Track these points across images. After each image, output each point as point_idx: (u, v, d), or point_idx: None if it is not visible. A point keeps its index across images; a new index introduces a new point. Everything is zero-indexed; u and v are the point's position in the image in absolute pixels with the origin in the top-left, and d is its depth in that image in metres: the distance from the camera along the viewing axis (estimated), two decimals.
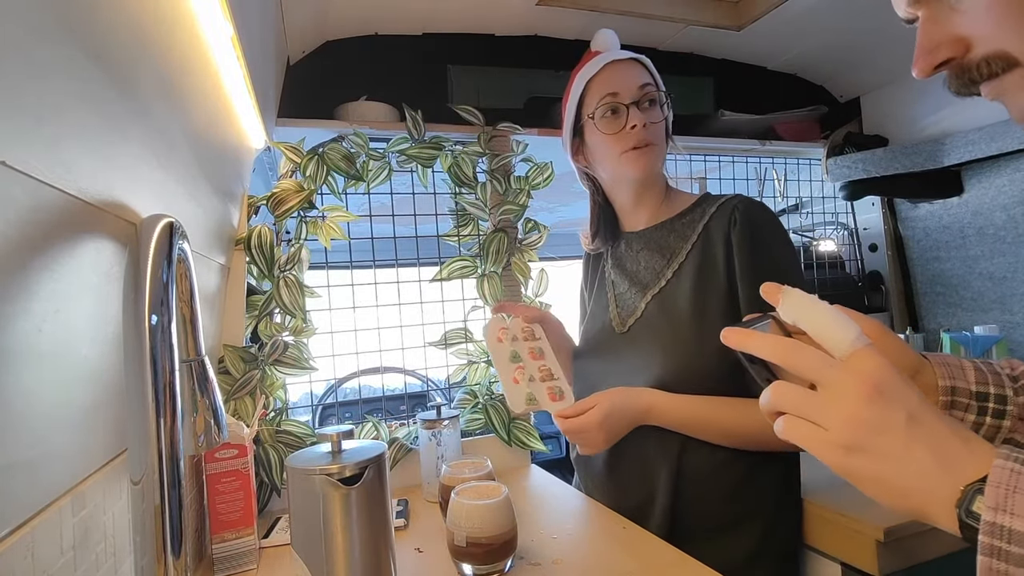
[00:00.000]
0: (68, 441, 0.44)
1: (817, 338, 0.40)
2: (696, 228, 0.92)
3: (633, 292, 0.97)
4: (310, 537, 0.61)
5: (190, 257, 0.49)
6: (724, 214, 0.89)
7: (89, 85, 0.39)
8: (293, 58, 1.22)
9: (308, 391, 1.25)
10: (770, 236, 0.87)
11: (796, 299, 0.42)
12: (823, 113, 1.60)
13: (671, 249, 0.93)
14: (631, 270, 0.99)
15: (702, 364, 0.84)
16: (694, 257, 0.90)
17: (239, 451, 0.81)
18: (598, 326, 1.02)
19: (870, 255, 1.81)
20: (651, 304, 0.93)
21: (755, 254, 0.84)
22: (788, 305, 0.43)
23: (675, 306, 0.89)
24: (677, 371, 0.85)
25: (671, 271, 0.92)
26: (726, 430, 0.83)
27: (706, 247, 0.89)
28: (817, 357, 0.39)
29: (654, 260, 0.95)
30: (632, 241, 1.01)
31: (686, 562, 0.74)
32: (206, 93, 0.66)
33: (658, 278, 0.93)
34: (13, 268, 0.34)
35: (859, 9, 1.27)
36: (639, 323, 0.94)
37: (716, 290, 0.86)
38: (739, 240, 0.85)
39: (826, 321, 0.40)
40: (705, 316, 0.86)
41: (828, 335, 0.40)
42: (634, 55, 0.93)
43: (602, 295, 1.04)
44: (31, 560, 0.38)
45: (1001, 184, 1.42)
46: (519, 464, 1.22)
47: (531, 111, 1.34)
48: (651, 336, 0.91)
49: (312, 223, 1.14)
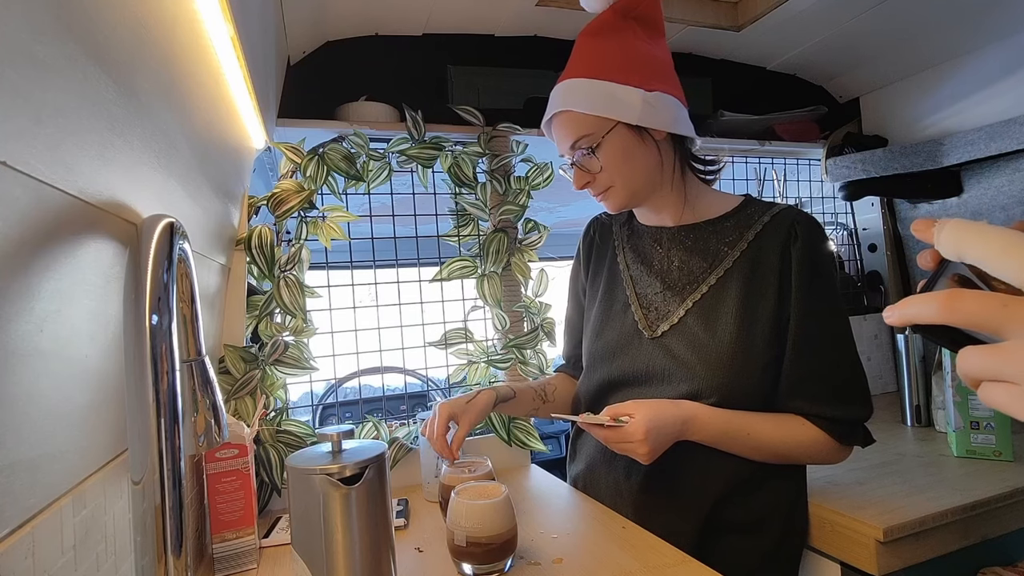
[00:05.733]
0: (69, 441, 0.44)
1: (994, 272, 0.32)
2: (745, 235, 0.88)
3: (666, 296, 0.91)
4: (310, 537, 0.61)
5: (191, 257, 0.49)
6: (782, 226, 0.86)
7: (89, 85, 0.39)
8: (293, 58, 1.22)
9: (308, 391, 1.25)
10: (827, 254, 0.86)
11: (954, 228, 0.33)
12: (822, 113, 1.60)
13: (713, 253, 0.89)
14: (660, 268, 0.94)
15: (745, 380, 0.83)
16: (743, 266, 0.86)
17: (239, 451, 0.81)
18: (619, 327, 0.95)
19: (869, 255, 1.81)
20: (691, 312, 0.88)
21: (813, 274, 0.83)
22: (947, 238, 0.33)
23: (720, 317, 0.85)
24: (718, 387, 0.83)
25: (715, 277, 0.87)
26: (762, 447, 0.83)
27: (758, 258, 0.85)
28: (982, 301, 0.30)
29: (692, 262, 0.90)
30: (662, 238, 0.95)
31: (687, 562, 0.74)
32: (207, 93, 0.66)
33: (697, 282, 0.89)
34: (14, 268, 0.34)
35: (859, 9, 1.27)
36: (675, 331, 0.89)
37: (765, 304, 0.83)
38: (799, 256, 0.83)
39: (1000, 247, 0.31)
40: (752, 331, 0.83)
41: (1005, 264, 0.31)
42: (561, 109, 0.87)
43: (618, 289, 0.98)
44: (31, 560, 0.38)
45: (1000, 184, 1.42)
46: (519, 464, 1.22)
47: (531, 111, 1.34)
48: (690, 347, 0.86)
49: (312, 223, 1.14)
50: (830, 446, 0.83)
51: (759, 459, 0.84)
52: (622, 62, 0.86)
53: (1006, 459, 1.07)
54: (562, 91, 0.88)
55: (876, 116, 1.66)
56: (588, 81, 0.86)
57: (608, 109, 0.84)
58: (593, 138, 0.85)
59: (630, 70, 0.85)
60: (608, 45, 0.87)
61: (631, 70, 0.85)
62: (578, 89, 0.86)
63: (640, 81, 0.85)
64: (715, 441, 0.83)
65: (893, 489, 0.96)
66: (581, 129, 0.86)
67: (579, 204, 1.94)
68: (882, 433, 1.30)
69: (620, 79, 0.85)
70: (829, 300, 0.84)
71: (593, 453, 0.99)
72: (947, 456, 1.13)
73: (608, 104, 0.84)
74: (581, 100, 0.85)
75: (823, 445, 0.83)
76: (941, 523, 0.86)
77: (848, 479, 1.02)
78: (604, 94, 0.84)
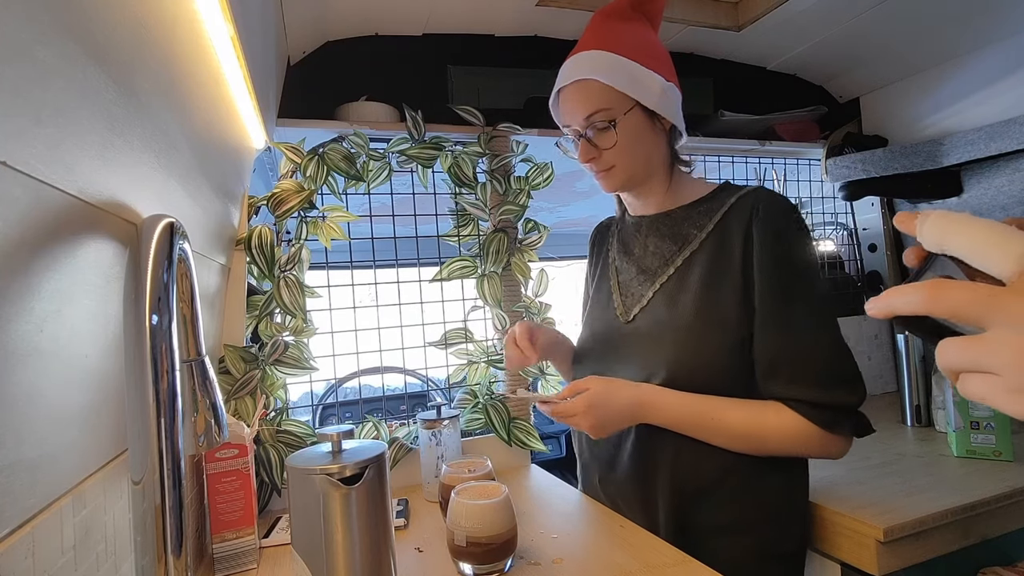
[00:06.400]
0: (69, 441, 0.44)
1: (976, 263, 0.31)
2: (713, 217, 0.87)
3: (640, 280, 0.93)
4: (310, 537, 0.61)
5: (191, 257, 0.49)
6: (745, 205, 0.85)
7: (89, 85, 0.39)
8: (293, 58, 1.22)
9: (308, 391, 1.25)
10: (792, 230, 0.82)
11: (937, 219, 0.33)
12: (822, 113, 1.60)
13: (683, 236, 0.90)
14: (637, 255, 0.95)
15: (709, 359, 0.81)
16: (708, 247, 0.86)
17: (239, 451, 0.81)
18: (601, 315, 0.98)
19: (869, 255, 1.81)
20: (658, 293, 0.89)
21: (776, 248, 0.81)
22: (930, 230, 0.33)
23: (683, 296, 0.85)
24: (681, 365, 0.82)
25: (681, 259, 0.88)
26: (730, 433, 0.80)
27: (723, 237, 0.85)
28: (967, 290, 0.29)
29: (664, 246, 0.91)
30: (642, 225, 0.96)
31: (687, 562, 0.74)
32: (207, 93, 0.66)
33: (666, 265, 0.90)
34: (14, 268, 0.34)
35: (859, 9, 1.28)
36: (644, 313, 0.90)
37: (729, 282, 0.82)
38: (760, 233, 0.81)
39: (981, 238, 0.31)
40: (715, 308, 0.82)
41: (986, 256, 0.31)
42: (583, 76, 0.86)
43: (604, 281, 1.01)
44: (32, 560, 0.38)
45: (1000, 184, 1.42)
46: (519, 464, 1.22)
47: (531, 111, 1.34)
48: (656, 327, 0.87)
49: (312, 223, 1.14)
50: (812, 434, 0.77)
51: (732, 448, 0.81)
52: (643, 45, 0.87)
53: (1006, 459, 1.07)
54: (583, 60, 0.87)
55: (876, 116, 1.66)
56: (614, 56, 0.85)
57: (630, 87, 0.85)
58: (612, 113, 0.85)
59: (649, 55, 0.87)
60: (628, 28, 0.89)
61: (651, 56, 0.87)
62: (603, 61, 0.86)
63: (658, 68, 0.87)
64: (676, 424, 0.81)
65: (893, 489, 0.96)
66: (602, 102, 0.85)
67: (579, 204, 1.94)
68: (882, 433, 1.30)
69: (642, 61, 0.86)
70: (799, 276, 0.81)
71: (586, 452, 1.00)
72: (947, 456, 1.13)
73: (630, 82, 0.85)
74: (605, 72, 0.85)
75: (804, 433, 0.78)
76: (941, 523, 0.86)
77: (848, 479, 1.02)
78: (627, 72, 0.85)
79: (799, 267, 0.81)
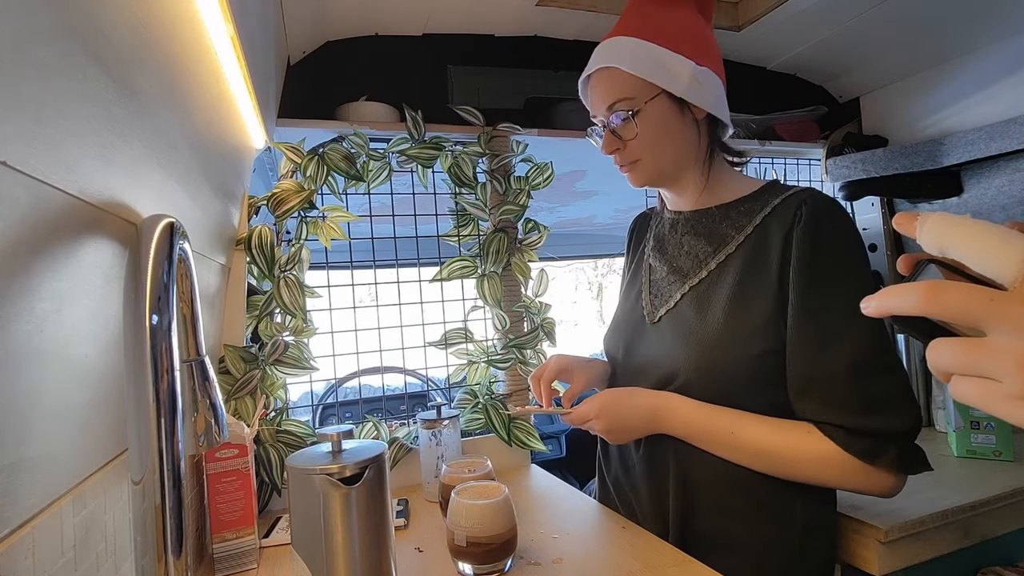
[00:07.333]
0: (69, 441, 0.44)
1: (977, 267, 0.30)
2: (754, 219, 0.81)
3: (670, 280, 0.88)
4: (310, 537, 0.61)
5: (191, 257, 0.49)
6: (789, 208, 0.78)
7: (89, 85, 0.39)
8: (293, 58, 1.22)
9: (308, 391, 1.25)
10: (837, 238, 0.75)
11: (937, 221, 0.32)
12: (822, 113, 1.60)
13: (720, 237, 0.84)
14: (671, 254, 0.90)
15: (731, 370, 0.76)
16: (745, 250, 0.80)
17: (239, 451, 0.81)
18: (628, 315, 0.94)
19: (870, 255, 1.81)
20: (687, 296, 0.84)
21: (817, 260, 0.73)
22: (930, 231, 0.32)
23: (713, 301, 0.80)
24: (701, 373, 0.77)
25: (715, 262, 0.83)
26: (753, 449, 0.74)
27: (762, 241, 0.79)
28: (965, 293, 0.29)
29: (699, 246, 0.86)
30: (678, 222, 0.91)
31: (687, 562, 0.74)
32: (207, 93, 0.66)
33: (699, 267, 0.84)
34: (14, 268, 0.34)
35: (859, 9, 1.27)
36: (670, 315, 0.85)
37: (763, 290, 0.76)
38: (801, 239, 0.74)
39: (983, 242, 0.30)
40: (744, 318, 0.76)
41: (988, 260, 0.29)
42: (605, 64, 0.82)
43: (636, 279, 0.97)
44: (32, 560, 0.38)
45: (1000, 184, 1.42)
46: (519, 464, 1.22)
47: (531, 111, 1.34)
48: (680, 331, 0.82)
49: (312, 223, 1.14)
50: (849, 465, 0.69)
51: (755, 467, 0.75)
52: (676, 29, 0.82)
53: (1006, 459, 1.07)
54: (606, 48, 0.84)
55: (876, 116, 1.66)
56: (637, 41, 0.81)
57: (654, 74, 0.80)
58: (634, 102, 0.81)
59: (682, 39, 0.82)
60: (664, 11, 0.84)
61: (683, 40, 0.82)
62: (624, 47, 0.82)
63: (691, 53, 0.81)
64: (694, 435, 0.78)
65: None
66: (623, 91, 0.82)
67: (579, 204, 1.94)
68: None
69: (671, 46, 0.81)
70: (842, 287, 0.73)
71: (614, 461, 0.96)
72: (947, 456, 1.13)
73: (655, 69, 0.80)
74: (627, 59, 0.81)
75: (838, 463, 0.69)
76: (941, 523, 0.86)
77: None
78: (652, 58, 0.80)
79: (845, 277, 0.74)
